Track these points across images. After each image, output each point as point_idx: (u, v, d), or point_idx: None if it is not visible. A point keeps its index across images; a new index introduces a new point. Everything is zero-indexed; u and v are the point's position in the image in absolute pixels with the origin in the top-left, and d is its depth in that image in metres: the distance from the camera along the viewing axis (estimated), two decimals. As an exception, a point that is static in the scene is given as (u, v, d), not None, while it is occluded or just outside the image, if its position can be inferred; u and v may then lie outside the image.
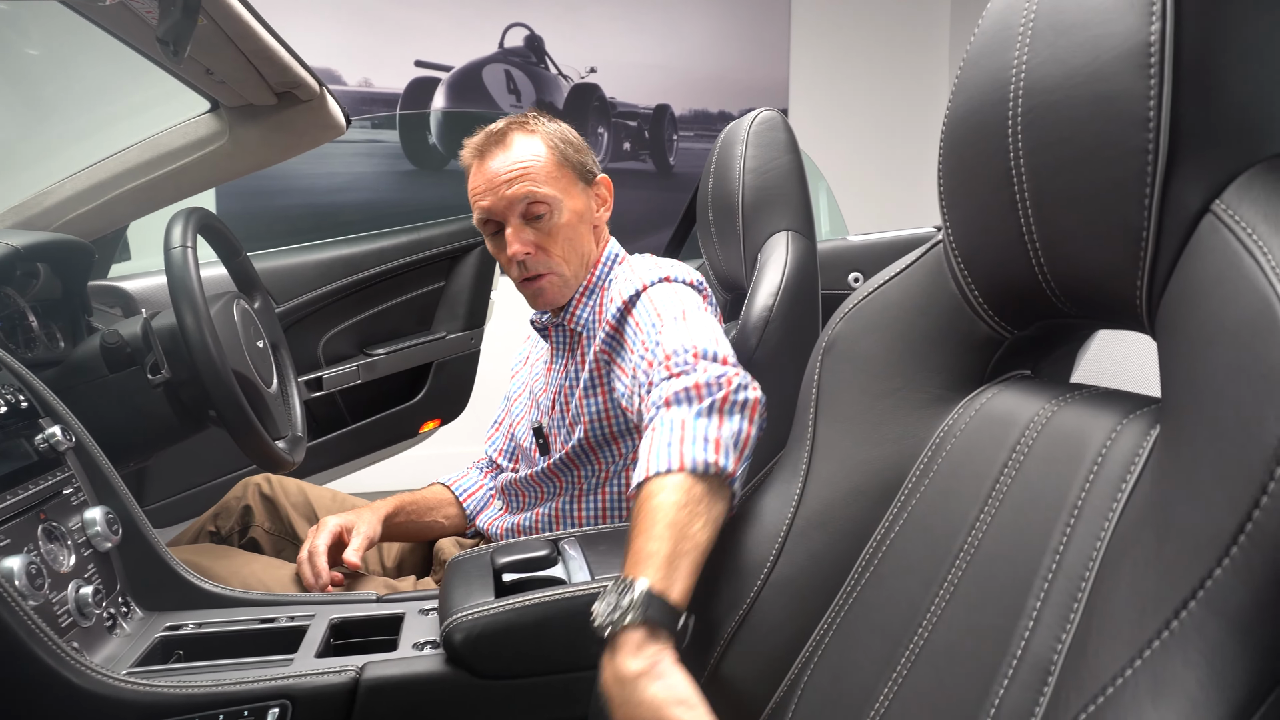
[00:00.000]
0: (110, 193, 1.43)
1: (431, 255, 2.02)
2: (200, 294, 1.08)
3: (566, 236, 1.16)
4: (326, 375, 1.89)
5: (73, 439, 0.98)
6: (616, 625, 0.69)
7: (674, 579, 0.72)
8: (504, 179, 1.13)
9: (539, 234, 1.14)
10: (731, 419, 0.85)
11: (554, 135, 1.17)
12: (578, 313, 1.20)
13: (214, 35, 1.09)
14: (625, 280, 1.13)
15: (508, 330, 2.77)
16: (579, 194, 1.18)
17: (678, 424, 0.83)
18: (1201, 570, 0.37)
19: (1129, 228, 0.49)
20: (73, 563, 0.90)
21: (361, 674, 0.84)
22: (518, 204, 1.13)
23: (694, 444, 0.80)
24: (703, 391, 0.86)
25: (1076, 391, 0.60)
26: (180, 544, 1.34)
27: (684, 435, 0.82)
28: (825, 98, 3.81)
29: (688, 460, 0.79)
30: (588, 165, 1.19)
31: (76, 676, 0.78)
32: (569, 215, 1.15)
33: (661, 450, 0.81)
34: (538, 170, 1.13)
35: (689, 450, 0.80)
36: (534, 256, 1.15)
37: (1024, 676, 0.49)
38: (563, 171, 1.16)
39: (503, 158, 1.14)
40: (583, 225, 1.18)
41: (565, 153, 1.16)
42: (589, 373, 1.16)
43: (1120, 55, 0.48)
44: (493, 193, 1.14)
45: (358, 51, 3.45)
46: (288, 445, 1.22)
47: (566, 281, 1.18)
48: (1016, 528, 0.55)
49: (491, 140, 1.16)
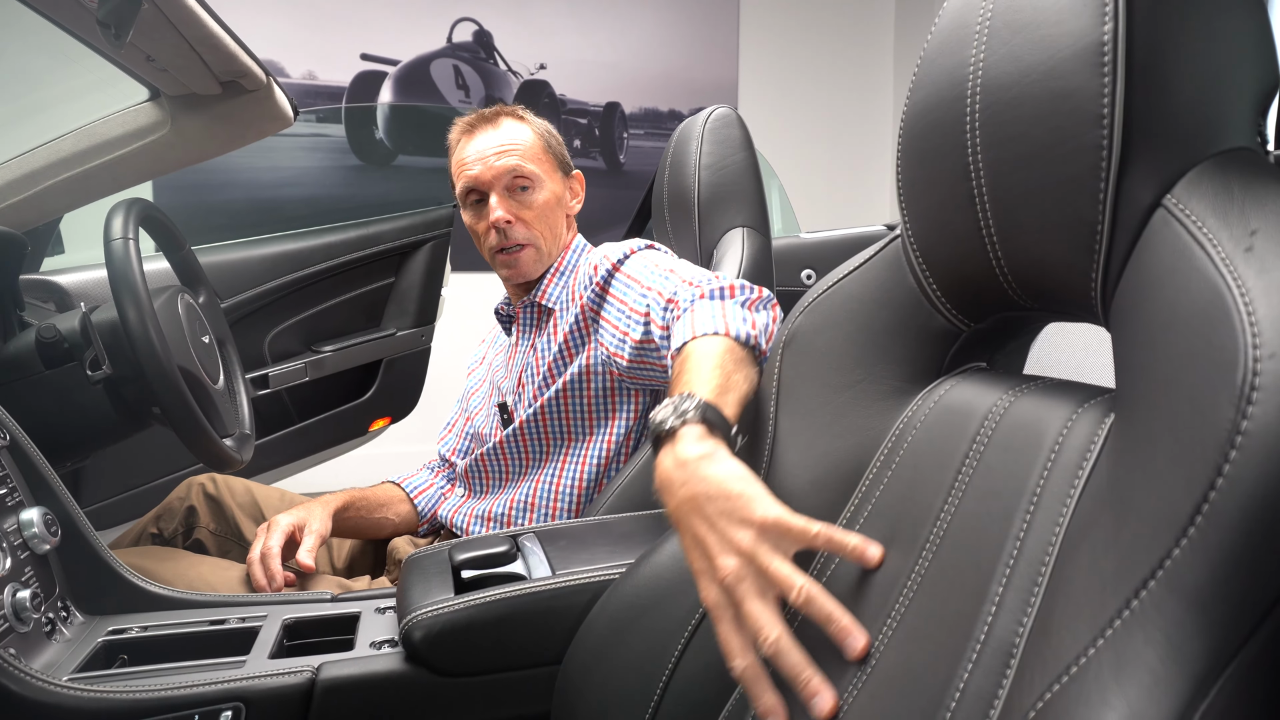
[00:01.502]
0: (43, 183, 1.38)
1: (381, 250, 2.00)
2: (144, 287, 1.04)
3: (544, 213, 1.24)
4: (273, 373, 1.85)
5: (6, 437, 0.94)
6: (680, 420, 0.71)
7: (726, 400, 0.76)
8: (493, 151, 1.21)
9: (521, 206, 1.22)
10: (761, 314, 0.93)
11: (540, 126, 1.28)
12: (549, 290, 1.26)
13: (156, 20, 1.05)
14: (607, 250, 1.18)
15: (458, 327, 2.74)
16: (559, 180, 1.27)
17: (718, 307, 0.91)
18: (1160, 550, 0.38)
19: (1083, 222, 0.51)
20: (8, 566, 0.86)
21: (318, 674, 0.82)
22: (504, 176, 1.21)
23: (736, 320, 0.89)
24: (736, 291, 0.96)
25: (1032, 382, 0.61)
26: (121, 546, 1.30)
27: (725, 313, 0.90)
28: (774, 97, 3.85)
29: (733, 329, 0.87)
30: (566, 158, 1.30)
31: (15, 684, 0.75)
32: (549, 195, 1.24)
33: (706, 320, 0.89)
34: (526, 148, 1.23)
35: (732, 323, 0.88)
36: (514, 225, 1.22)
37: (987, 660, 0.50)
38: (546, 156, 1.26)
39: (493, 135, 1.23)
40: (560, 208, 1.27)
41: (549, 141, 1.27)
42: (560, 343, 1.20)
43: (1075, 54, 0.50)
44: (481, 162, 1.21)
45: (302, 43, 3.38)
46: (236, 443, 1.19)
47: (541, 255, 1.25)
48: (979, 515, 0.56)
49: (483, 119, 1.25)
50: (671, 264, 1.10)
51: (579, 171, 1.33)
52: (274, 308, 1.88)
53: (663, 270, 1.08)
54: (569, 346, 1.19)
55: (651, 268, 1.10)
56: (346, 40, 3.42)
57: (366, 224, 1.98)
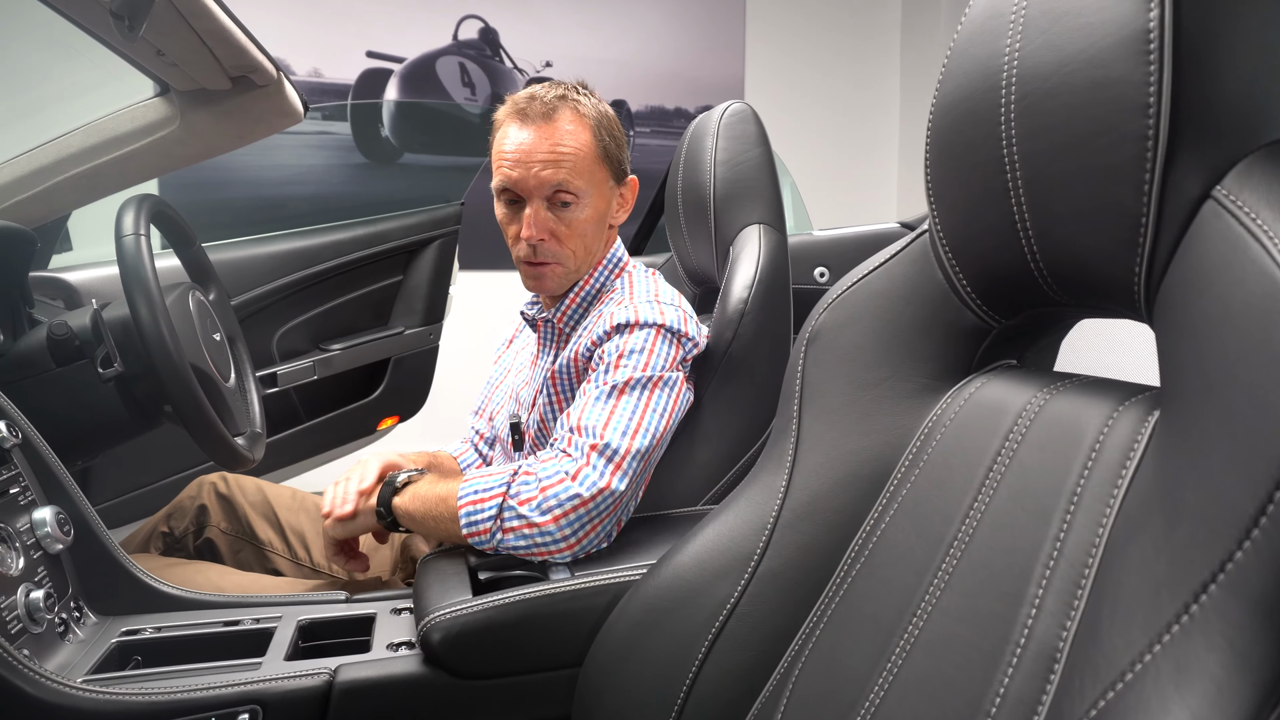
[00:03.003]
0: (52, 179, 1.37)
1: (389, 248, 1.98)
2: (155, 284, 1.03)
3: (582, 232, 1.11)
4: (281, 371, 1.84)
5: (19, 435, 0.93)
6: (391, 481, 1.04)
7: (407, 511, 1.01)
8: (540, 158, 1.07)
9: (557, 222, 1.10)
10: (513, 538, 0.94)
11: (601, 123, 1.11)
12: (569, 313, 1.17)
13: (168, 13, 1.04)
14: (619, 304, 1.09)
15: (466, 325, 2.73)
16: (607, 192, 1.13)
17: (498, 497, 0.95)
18: (1220, 553, 0.37)
19: (1127, 214, 0.49)
20: (21, 566, 0.85)
21: (335, 676, 0.81)
22: (547, 187, 1.07)
23: (484, 517, 0.94)
24: (529, 503, 0.94)
25: (1066, 380, 0.60)
26: (131, 545, 1.29)
27: (487, 504, 0.95)
28: (781, 94, 3.84)
29: (465, 517, 0.95)
30: (623, 162, 1.15)
31: (29, 685, 0.74)
32: (592, 211, 1.11)
33: (482, 484, 0.97)
34: (577, 159, 1.08)
35: (477, 515, 0.95)
36: (546, 244, 1.10)
37: (1029, 664, 0.49)
38: (600, 167, 1.11)
39: (544, 133, 1.07)
40: (601, 224, 1.14)
41: (607, 147, 1.11)
42: (570, 369, 1.14)
43: (1118, 41, 0.49)
44: (524, 166, 1.07)
45: (307, 41, 3.37)
46: (247, 442, 1.18)
47: (569, 274, 1.14)
48: (1013, 515, 0.55)
49: (538, 109, 1.08)
50: (612, 380, 1.02)
51: (634, 178, 1.17)
52: (282, 306, 1.87)
53: (598, 386, 1.02)
54: (576, 373, 1.13)
55: (611, 369, 1.03)
56: (352, 37, 3.41)
57: (374, 222, 1.97)
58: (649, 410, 1.00)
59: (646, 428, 0.99)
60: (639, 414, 0.99)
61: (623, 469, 0.95)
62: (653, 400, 1.01)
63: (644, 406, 1.00)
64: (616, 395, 1.00)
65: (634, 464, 0.97)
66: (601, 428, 0.97)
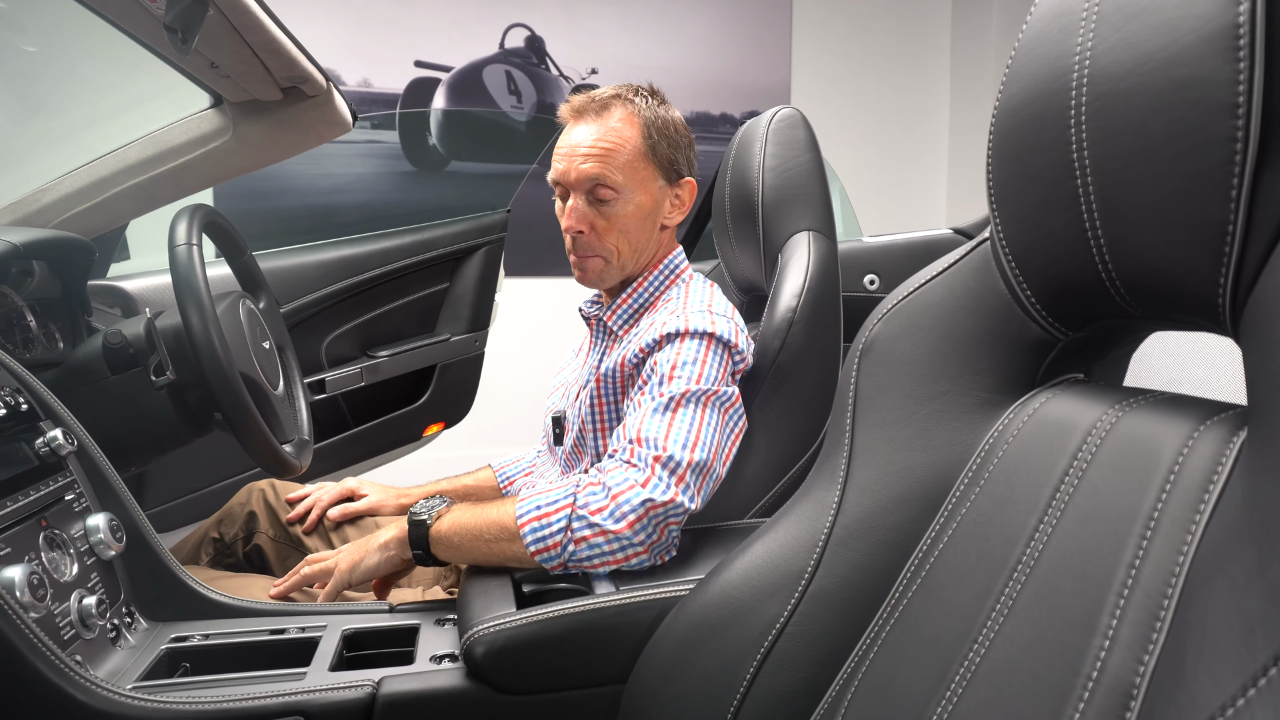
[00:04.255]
0: (110, 190, 1.40)
1: (436, 256, 2.00)
2: (206, 293, 1.04)
3: (624, 227, 1.13)
4: (330, 377, 1.86)
5: (74, 442, 0.94)
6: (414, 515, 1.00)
7: (445, 541, 0.98)
8: (583, 152, 1.10)
9: (598, 216, 1.12)
10: (585, 549, 0.92)
11: (653, 123, 1.12)
12: (619, 312, 1.18)
13: (219, 26, 1.05)
14: (673, 313, 1.09)
15: (512, 332, 2.74)
16: (655, 190, 1.14)
17: (565, 508, 0.93)
18: (1321, 591, 0.34)
19: (1211, 221, 0.46)
20: (75, 572, 0.86)
21: (379, 688, 0.80)
22: (586, 181, 1.10)
23: (553, 530, 0.92)
24: (602, 512, 0.92)
25: (1140, 396, 0.57)
26: (183, 550, 1.31)
27: (554, 518, 0.93)
28: (828, 99, 3.80)
29: (530, 533, 0.93)
30: (676, 163, 1.15)
31: (80, 692, 0.74)
32: (634, 208, 1.12)
33: (545, 499, 0.95)
34: (619, 155, 1.10)
35: (544, 530, 0.93)
36: (585, 237, 1.13)
37: (1101, 700, 0.46)
38: (645, 163, 1.12)
39: (592, 128, 1.11)
40: (647, 221, 1.14)
41: (656, 144, 1.12)
42: (615, 374, 1.13)
43: (1202, 38, 0.46)
44: (569, 159, 1.11)
45: (357, 51, 3.42)
46: (295, 449, 1.19)
47: (610, 269, 1.16)
48: (1083, 539, 0.52)
49: (591, 106, 1.13)
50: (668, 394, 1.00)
51: (691, 179, 1.17)
52: (330, 313, 1.89)
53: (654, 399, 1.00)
54: (622, 378, 1.12)
55: (664, 378, 1.02)
56: (400, 47, 3.46)
57: (421, 229, 1.99)
58: (704, 424, 0.99)
59: (704, 442, 0.98)
60: (695, 428, 0.98)
61: (685, 481, 0.95)
62: (708, 415, 1.00)
63: (700, 421, 0.99)
64: (674, 408, 0.99)
65: (694, 477, 0.96)
66: (663, 439, 0.96)
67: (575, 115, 1.13)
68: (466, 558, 0.98)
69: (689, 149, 1.18)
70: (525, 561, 0.93)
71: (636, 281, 1.18)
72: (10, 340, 1.17)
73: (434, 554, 0.98)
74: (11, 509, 0.82)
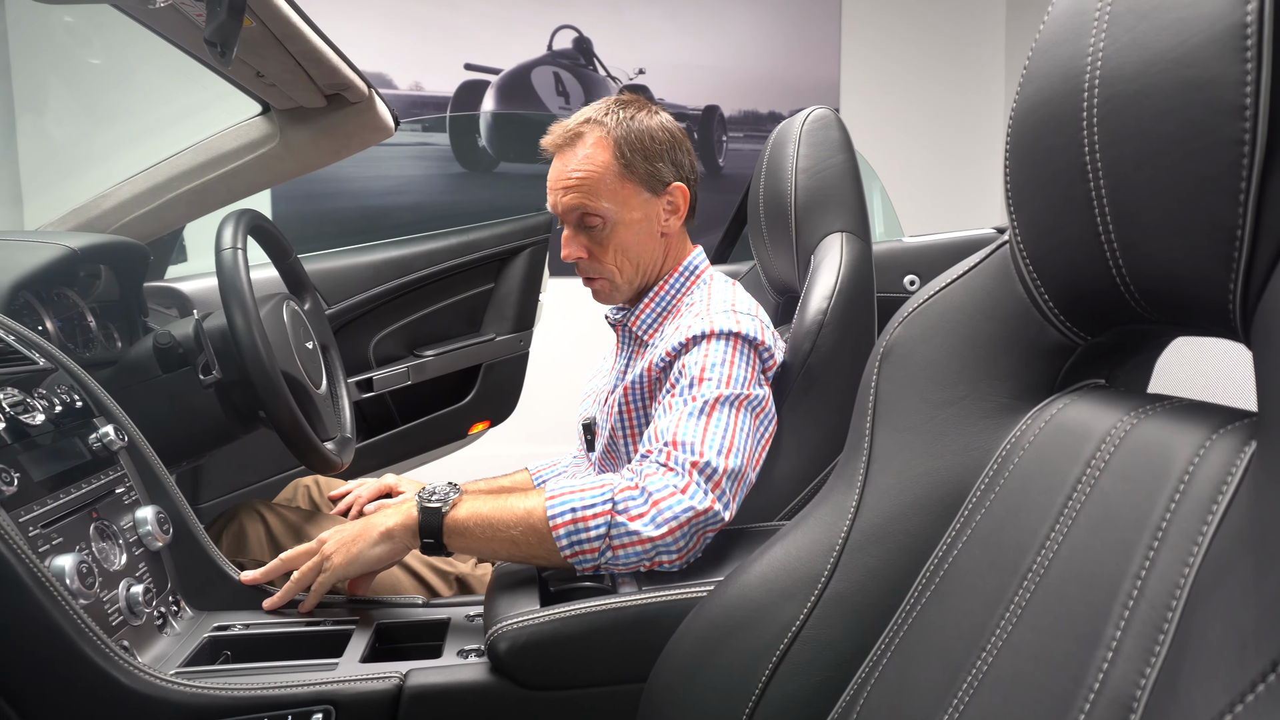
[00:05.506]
0: (165, 195, 1.46)
1: (481, 257, 2.03)
2: (250, 295, 1.08)
3: (619, 247, 1.15)
4: (377, 376, 1.91)
5: (125, 438, 0.99)
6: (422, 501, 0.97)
7: (462, 530, 0.95)
8: (561, 185, 1.14)
9: (591, 242, 1.16)
10: (624, 555, 0.92)
11: (625, 140, 1.13)
12: (643, 317, 1.20)
13: (263, 37, 1.09)
14: (697, 315, 1.09)
15: (556, 333, 2.76)
16: (640, 204, 1.15)
17: (605, 514, 0.92)
18: (1312, 606, 0.33)
19: (1220, 226, 0.45)
20: (124, 561, 0.91)
21: (405, 681, 0.82)
22: (572, 213, 1.15)
23: (592, 536, 0.92)
24: (642, 518, 0.92)
25: (1158, 403, 0.56)
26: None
27: (592, 523, 0.92)
28: (877, 96, 3.74)
29: (564, 538, 0.92)
30: (658, 174, 1.15)
31: (124, 675, 0.78)
32: (624, 227, 1.14)
33: (580, 501, 0.93)
34: (596, 181, 1.12)
35: (580, 534, 0.92)
36: (585, 261, 1.17)
37: (1102, 711, 0.45)
38: (623, 184, 1.13)
39: (568, 159, 1.14)
40: (642, 235, 1.16)
41: (631, 162, 1.13)
42: (642, 379, 1.14)
43: (1211, 38, 0.45)
44: (554, 192, 1.16)
45: (408, 55, 3.49)
46: (336, 446, 1.22)
47: (617, 287, 1.18)
48: (1092, 548, 0.51)
49: (565, 138, 1.15)
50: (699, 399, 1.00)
51: (679, 184, 1.16)
52: (378, 313, 1.94)
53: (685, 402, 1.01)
54: (649, 383, 1.13)
55: (694, 381, 1.02)
56: (451, 51, 3.52)
57: (467, 231, 2.02)
58: (738, 429, 1.00)
59: (739, 447, 0.98)
60: (730, 433, 0.99)
61: (721, 488, 0.95)
62: (740, 420, 1.01)
63: (734, 426, 1.00)
64: (708, 412, 1.00)
65: (730, 484, 0.96)
66: (699, 444, 0.97)
67: (553, 148, 1.17)
68: (482, 551, 0.95)
69: (673, 152, 1.16)
70: (551, 561, 0.93)
71: (656, 286, 1.20)
72: (72, 340, 1.23)
73: (446, 544, 0.95)
74: (64, 500, 0.87)
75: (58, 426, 0.92)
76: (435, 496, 0.97)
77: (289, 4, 1.08)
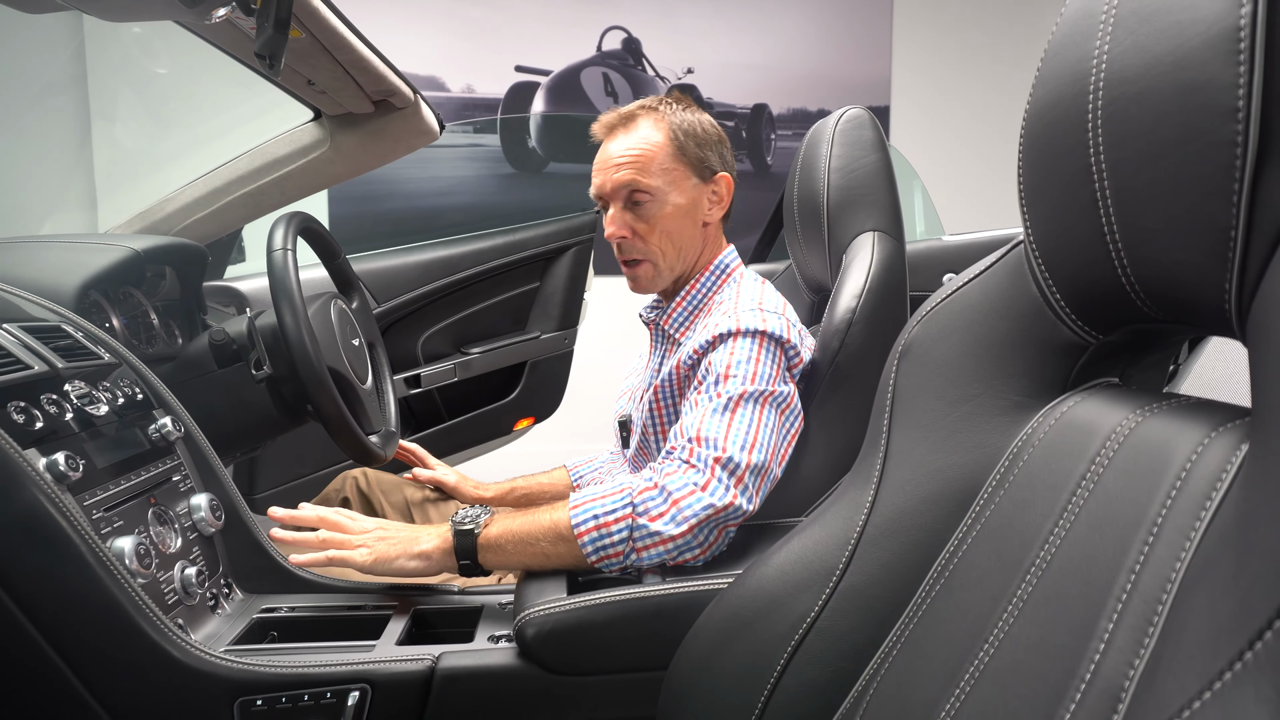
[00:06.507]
0: (224, 199, 1.53)
1: (527, 256, 2.07)
2: (298, 294, 1.13)
3: (665, 228, 1.17)
4: (425, 373, 1.96)
5: (182, 429, 1.04)
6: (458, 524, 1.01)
7: (495, 547, 0.99)
8: (614, 162, 1.16)
9: (638, 221, 1.17)
10: (648, 555, 0.95)
11: (679, 126, 1.17)
12: (675, 315, 1.22)
13: (313, 48, 1.14)
14: (725, 313, 1.11)
15: (601, 330, 2.80)
16: (690, 188, 1.18)
17: (626, 518, 0.95)
18: (1278, 599, 0.34)
19: (1216, 226, 0.46)
20: (179, 545, 0.96)
21: (437, 663, 0.86)
22: (622, 189, 1.16)
23: (615, 540, 0.95)
24: (663, 518, 0.95)
25: (1166, 401, 0.56)
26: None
27: (614, 528, 0.95)
28: (929, 94, 3.70)
29: (590, 544, 0.95)
30: (708, 161, 1.19)
31: (177, 651, 0.83)
32: (671, 208, 1.17)
33: (601, 508, 0.96)
34: (649, 159, 1.15)
35: (605, 539, 0.95)
36: (629, 241, 1.18)
37: (1091, 702, 0.46)
38: (676, 164, 1.16)
39: (622, 140, 1.17)
40: (687, 220, 1.19)
41: (684, 145, 1.17)
42: (672, 377, 1.17)
43: (1206, 42, 0.45)
44: (603, 173, 1.18)
45: (460, 58, 3.56)
46: (380, 440, 1.27)
47: (660, 271, 1.20)
48: (1091, 543, 0.52)
49: (618, 120, 1.19)
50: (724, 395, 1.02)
51: (725, 174, 1.20)
52: (426, 311, 1.99)
53: (710, 399, 1.02)
54: (679, 380, 1.15)
55: (720, 378, 1.03)
56: (502, 54, 3.57)
57: (513, 230, 2.06)
58: (762, 425, 1.01)
59: (763, 443, 0.99)
60: (754, 428, 1.00)
61: (744, 483, 0.97)
62: (765, 416, 1.02)
63: (758, 422, 1.01)
64: (733, 408, 1.01)
65: (753, 479, 0.98)
66: (723, 440, 0.98)
67: (606, 130, 1.20)
68: (517, 564, 1.00)
69: (720, 146, 1.20)
70: (580, 567, 0.97)
71: (689, 285, 1.21)
72: (136, 336, 1.30)
73: (481, 561, 1.00)
74: (125, 486, 0.92)
75: (120, 417, 0.98)
76: (467, 520, 1.02)
77: (337, 16, 1.13)
